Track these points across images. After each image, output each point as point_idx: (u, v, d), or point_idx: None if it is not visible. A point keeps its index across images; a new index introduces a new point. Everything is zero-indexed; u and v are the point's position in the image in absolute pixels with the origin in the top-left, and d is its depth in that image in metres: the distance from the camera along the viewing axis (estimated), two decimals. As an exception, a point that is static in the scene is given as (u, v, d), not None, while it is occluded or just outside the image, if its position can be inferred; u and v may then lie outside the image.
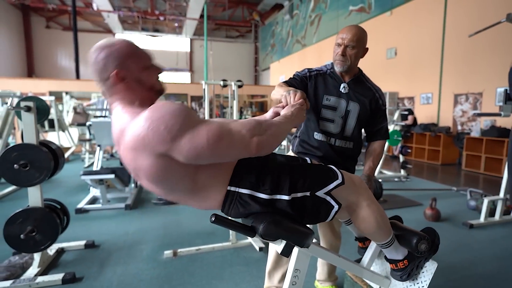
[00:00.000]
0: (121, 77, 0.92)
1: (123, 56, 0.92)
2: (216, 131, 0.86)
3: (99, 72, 0.93)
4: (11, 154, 1.93)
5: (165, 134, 0.82)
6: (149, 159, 0.86)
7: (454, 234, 2.81)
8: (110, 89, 0.94)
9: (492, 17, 5.06)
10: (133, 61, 0.94)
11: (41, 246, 2.00)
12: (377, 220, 1.18)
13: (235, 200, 0.99)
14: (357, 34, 1.45)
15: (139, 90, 0.95)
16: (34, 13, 15.44)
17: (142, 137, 0.83)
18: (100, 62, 0.92)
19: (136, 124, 0.85)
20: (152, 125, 0.82)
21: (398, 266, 1.33)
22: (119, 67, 0.92)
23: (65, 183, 4.76)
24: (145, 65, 0.97)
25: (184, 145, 0.83)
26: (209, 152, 0.85)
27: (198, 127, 0.85)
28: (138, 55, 0.95)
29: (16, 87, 7.63)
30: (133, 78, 0.94)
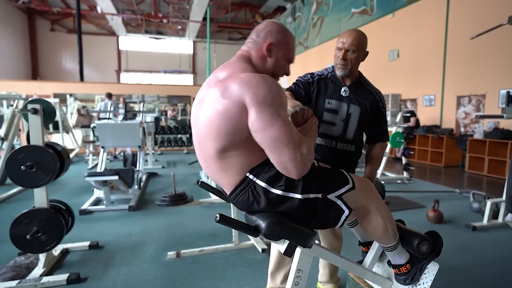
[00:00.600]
0: (269, 49, 1.11)
1: (284, 42, 1.13)
2: (287, 133, 0.95)
3: (255, 36, 1.12)
4: (18, 155, 1.96)
5: (277, 100, 0.95)
6: (234, 102, 0.95)
7: (457, 236, 2.81)
8: (253, 45, 1.12)
9: (495, 20, 5.06)
10: (285, 48, 1.13)
11: (46, 246, 2.03)
12: (385, 223, 1.20)
13: (249, 188, 1.03)
14: (357, 38, 1.47)
15: (268, 66, 1.13)
16: (39, 16, 15.60)
17: (254, 85, 0.94)
18: (265, 30, 1.11)
19: (259, 78, 0.96)
20: (272, 89, 0.95)
21: (401, 271, 1.34)
22: (274, 43, 1.11)
23: (69, 184, 4.80)
24: (288, 58, 1.16)
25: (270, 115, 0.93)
26: (264, 140, 0.95)
27: (285, 119, 0.96)
28: (291, 48, 1.15)
29: (21, 90, 7.71)
30: (274, 57, 1.12)
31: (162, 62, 17.94)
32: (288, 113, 1.22)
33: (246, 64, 1.08)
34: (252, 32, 1.16)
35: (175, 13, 14.72)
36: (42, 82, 10.40)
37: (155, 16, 14.40)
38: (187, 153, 8.91)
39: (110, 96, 7.26)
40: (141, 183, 4.39)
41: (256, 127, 0.94)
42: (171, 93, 10.69)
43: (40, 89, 8.63)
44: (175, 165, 6.82)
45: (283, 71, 1.17)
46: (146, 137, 6.38)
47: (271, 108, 0.93)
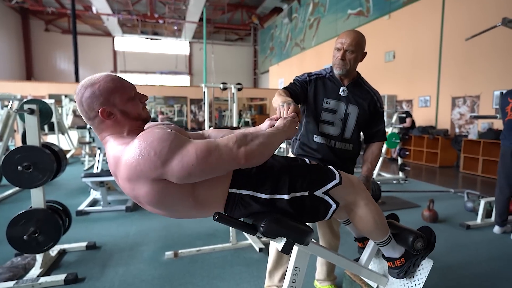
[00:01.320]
0: (107, 114, 0.94)
1: (107, 92, 0.94)
2: (204, 148, 0.88)
3: (86, 112, 0.95)
4: (15, 156, 1.96)
5: (156, 159, 0.85)
6: (145, 186, 0.89)
7: (451, 235, 2.85)
8: (99, 126, 0.97)
9: (489, 21, 5.13)
10: (117, 96, 0.95)
11: (43, 247, 2.03)
12: (375, 219, 1.22)
13: (237, 201, 1.03)
14: (356, 38, 1.49)
15: (126, 122, 0.97)
16: (33, 16, 15.48)
17: (134, 166, 0.86)
18: (85, 102, 0.94)
19: (127, 154, 0.88)
20: (142, 153, 0.85)
21: (395, 264, 1.36)
22: (104, 104, 0.94)
23: (65, 185, 4.78)
24: (129, 96, 0.98)
25: (175, 166, 0.86)
26: (199, 168, 0.87)
27: (186, 147, 0.88)
28: (121, 88, 0.97)
29: (15, 90, 7.65)
30: (119, 111, 0.96)
31: (158, 63, 17.88)
32: (280, 105, 1.22)
33: (115, 145, 0.95)
34: (82, 116, 0.98)
35: (171, 14, 14.70)
36: (37, 82, 10.33)
37: (151, 17, 14.36)
38: (183, 153, 8.88)
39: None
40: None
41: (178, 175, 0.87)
42: (167, 94, 10.67)
43: (34, 90, 8.57)
44: (171, 166, 6.80)
45: (138, 108, 1.00)
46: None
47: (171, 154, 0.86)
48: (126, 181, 0.90)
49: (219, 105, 10.36)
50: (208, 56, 15.27)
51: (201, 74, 17.09)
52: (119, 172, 0.91)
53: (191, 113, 10.72)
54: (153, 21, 14.84)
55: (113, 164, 0.94)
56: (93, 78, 0.96)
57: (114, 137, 0.96)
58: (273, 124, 1.20)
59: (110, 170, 0.97)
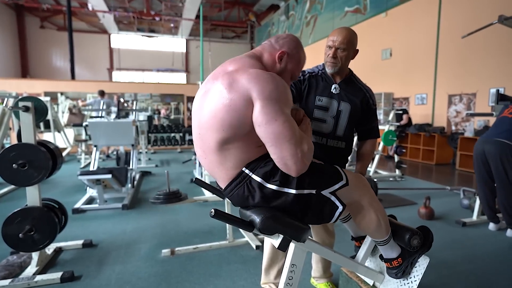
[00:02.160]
0: (280, 56, 1.15)
1: (297, 57, 1.19)
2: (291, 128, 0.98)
3: (283, 41, 1.17)
4: (10, 153, 1.94)
5: (275, 95, 0.96)
6: (241, 100, 0.97)
7: (447, 232, 2.87)
8: (268, 47, 1.17)
9: (486, 19, 5.14)
10: (295, 64, 1.19)
11: (39, 245, 2.01)
12: (378, 218, 1.22)
13: (244, 182, 1.05)
14: (347, 36, 1.48)
15: (273, 70, 1.14)
16: (28, 13, 15.34)
17: (265, 79, 0.98)
18: (292, 41, 1.18)
19: (265, 75, 1.00)
20: (279, 87, 0.98)
21: (392, 265, 1.37)
22: (289, 55, 1.16)
23: (62, 183, 4.76)
24: (293, 73, 1.21)
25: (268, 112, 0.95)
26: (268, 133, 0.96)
27: (288, 116, 0.99)
28: (300, 67, 1.22)
29: (11, 88, 7.59)
30: (282, 65, 1.16)
31: (155, 60, 17.80)
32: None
33: (255, 61, 1.11)
34: (272, 37, 1.22)
35: (168, 11, 14.61)
36: (33, 80, 10.25)
37: (147, 14, 14.27)
38: (180, 151, 8.88)
39: (102, 94, 7.18)
40: (135, 181, 4.37)
41: (260, 121, 0.96)
42: (164, 91, 10.64)
43: (30, 88, 8.51)
44: (168, 164, 6.79)
45: (288, 79, 1.20)
46: (139, 135, 6.35)
47: (276, 104, 0.96)
48: (240, 77, 0.99)
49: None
50: (205, 54, 15.21)
51: (198, 72, 17.03)
52: (240, 72, 1.01)
53: (188, 111, 10.68)
54: (149, 18, 14.74)
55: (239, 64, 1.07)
56: (302, 46, 1.22)
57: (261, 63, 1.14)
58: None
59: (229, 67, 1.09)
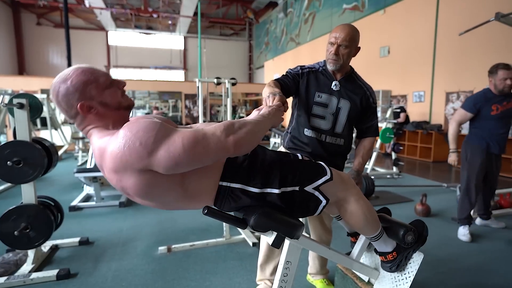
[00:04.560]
0: (87, 108, 0.91)
1: (80, 86, 0.90)
2: (191, 137, 0.86)
3: (66, 110, 0.92)
4: (4, 151, 1.93)
5: (141, 149, 0.82)
6: (132, 177, 0.87)
7: (443, 229, 2.88)
8: (82, 122, 0.94)
9: (483, 16, 5.14)
10: (92, 87, 0.92)
11: (35, 242, 2.01)
12: (365, 214, 1.22)
13: (227, 194, 1.02)
14: (350, 33, 1.48)
15: (109, 113, 0.94)
16: (24, 9, 15.21)
17: (120, 157, 0.84)
18: (63, 101, 0.91)
19: (112, 145, 0.85)
20: (128, 143, 0.83)
21: (387, 258, 1.37)
22: (81, 99, 0.90)
23: (58, 181, 4.74)
24: (105, 85, 0.94)
25: (161, 156, 0.83)
26: (187, 158, 0.85)
27: (172, 136, 0.85)
28: (93, 79, 0.92)
29: (7, 85, 7.55)
30: (99, 103, 0.92)
31: (153, 57, 17.71)
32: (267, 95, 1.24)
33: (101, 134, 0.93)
34: (64, 116, 0.96)
35: (166, 8, 14.53)
36: (29, 77, 10.20)
37: (145, 11, 14.18)
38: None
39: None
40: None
41: (163, 165, 0.85)
42: (162, 89, 10.60)
43: (26, 85, 8.46)
44: (166, 161, 6.78)
45: (117, 96, 0.97)
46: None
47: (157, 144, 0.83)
48: (112, 172, 0.88)
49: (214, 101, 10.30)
50: (203, 51, 15.17)
51: (196, 69, 16.99)
52: (105, 163, 0.89)
53: (186, 108, 10.66)
54: (147, 15, 14.66)
55: (98, 156, 0.91)
56: (64, 74, 0.92)
57: (98, 130, 0.94)
58: None
59: (96, 163, 0.95)
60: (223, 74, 4.84)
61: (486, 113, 2.58)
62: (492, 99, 2.59)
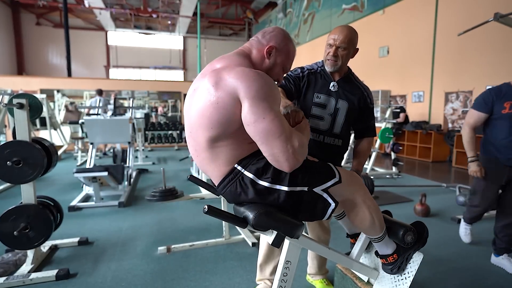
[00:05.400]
0: (269, 51, 1.13)
1: (286, 50, 1.17)
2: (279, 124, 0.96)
3: (270, 35, 1.15)
4: (4, 151, 1.93)
5: (270, 95, 0.96)
6: (231, 98, 0.96)
7: (443, 228, 2.88)
8: (256, 43, 1.15)
9: (482, 17, 5.15)
10: (285, 57, 1.17)
11: (34, 243, 2.00)
12: (372, 216, 1.22)
13: (237, 179, 1.04)
14: (348, 35, 1.48)
15: (264, 67, 1.14)
16: (24, 9, 15.21)
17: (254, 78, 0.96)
18: (279, 34, 1.15)
19: (259, 74, 0.98)
20: (266, 85, 0.97)
21: (388, 261, 1.38)
22: (277, 49, 1.15)
23: (58, 181, 4.74)
24: (285, 66, 1.19)
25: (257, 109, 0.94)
26: (258, 131, 0.96)
27: (278, 113, 0.98)
28: (290, 59, 1.20)
29: (7, 85, 7.54)
30: (271, 60, 1.15)
31: (152, 57, 17.72)
32: (281, 109, 1.23)
33: (243, 59, 1.10)
34: (258, 32, 1.19)
35: (165, 8, 14.53)
36: (28, 77, 10.18)
37: (144, 11, 14.18)
38: (177, 149, 8.86)
39: (100, 92, 7.15)
40: (131, 179, 4.36)
41: (248, 119, 0.95)
42: (161, 89, 10.59)
43: (26, 85, 8.44)
44: (165, 161, 6.78)
45: (276, 77, 1.18)
46: (136, 133, 6.33)
47: (264, 102, 0.95)
48: (227, 75, 0.98)
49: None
50: (202, 51, 15.16)
51: (195, 69, 16.99)
52: (227, 70, 1.00)
53: (185, 108, 10.66)
54: (146, 15, 14.66)
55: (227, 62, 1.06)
56: (290, 38, 1.20)
57: (250, 60, 1.12)
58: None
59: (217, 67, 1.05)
60: (223, 74, 4.82)
61: (497, 112, 2.05)
62: (507, 95, 2.01)
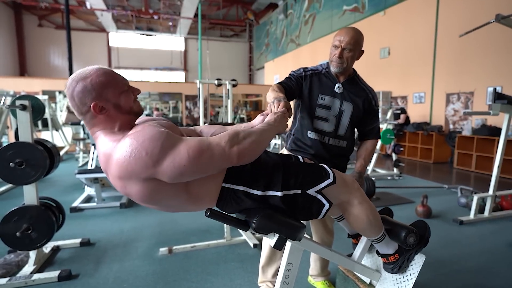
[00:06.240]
0: (100, 108, 0.91)
1: (99, 86, 0.91)
2: (196, 147, 0.87)
3: (78, 106, 0.92)
4: (7, 152, 1.94)
5: (147, 159, 0.83)
6: (137, 185, 0.88)
7: (445, 230, 2.88)
8: (90, 121, 0.94)
9: (483, 18, 5.15)
10: (109, 90, 0.93)
11: (36, 244, 2.01)
12: (369, 217, 1.22)
13: (230, 196, 1.03)
14: (354, 37, 1.48)
15: (118, 116, 0.95)
16: (26, 11, 15.26)
17: (126, 166, 0.85)
18: (77, 97, 0.91)
19: (118, 152, 0.86)
20: (134, 152, 0.84)
21: (389, 260, 1.38)
22: (96, 99, 0.91)
23: (59, 182, 4.75)
24: (121, 90, 0.96)
25: (167, 166, 0.85)
26: (191, 168, 0.87)
27: (178, 147, 0.87)
28: (113, 82, 0.94)
29: (9, 86, 7.56)
30: (112, 106, 0.93)
31: (153, 59, 17.74)
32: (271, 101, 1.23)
33: (107, 136, 0.93)
34: (74, 110, 0.96)
35: (166, 9, 14.55)
36: (30, 78, 10.22)
37: (145, 12, 14.21)
38: (179, 150, 8.86)
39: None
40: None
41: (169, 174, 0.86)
42: (162, 90, 10.62)
43: (28, 86, 8.48)
44: (167, 163, 6.78)
45: (130, 101, 0.97)
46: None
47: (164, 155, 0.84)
48: (117, 179, 0.89)
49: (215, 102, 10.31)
50: (203, 52, 15.18)
51: (196, 70, 16.99)
52: (110, 169, 0.90)
53: (186, 109, 10.67)
54: (147, 16, 14.69)
55: (104, 161, 0.92)
56: (84, 71, 0.92)
57: (104, 133, 0.94)
58: (264, 120, 1.20)
59: (101, 167, 0.95)
60: (223, 75, 4.85)
61: None
62: None
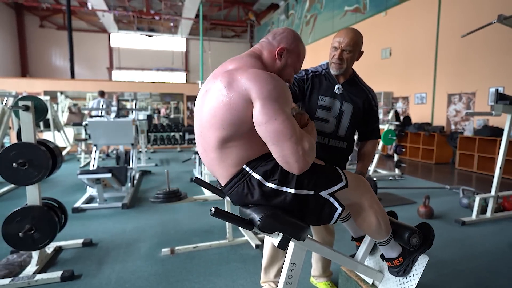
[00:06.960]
0: (280, 52, 1.15)
1: (296, 51, 1.19)
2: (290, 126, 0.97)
3: (280, 36, 1.17)
4: (10, 152, 1.94)
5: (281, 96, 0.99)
6: (243, 99, 0.98)
7: (447, 231, 2.87)
8: (267, 45, 1.18)
9: (485, 18, 5.15)
10: (295, 58, 1.19)
11: (39, 244, 2.01)
12: (378, 220, 1.22)
13: (244, 180, 1.05)
14: (354, 38, 1.48)
15: (275, 69, 1.16)
16: (27, 12, 15.30)
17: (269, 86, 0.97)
18: (289, 36, 1.17)
19: (265, 75, 1.00)
20: (278, 87, 0.99)
21: (394, 264, 1.38)
22: (288, 50, 1.17)
23: (61, 182, 4.76)
24: (295, 67, 1.21)
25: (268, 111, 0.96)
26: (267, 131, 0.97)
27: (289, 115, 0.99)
28: (300, 60, 1.22)
29: (10, 87, 7.59)
30: (283, 62, 1.16)
31: (155, 59, 17.77)
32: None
33: (255, 60, 1.12)
34: (269, 33, 1.21)
35: (167, 10, 14.58)
36: (32, 79, 10.24)
37: (147, 13, 14.24)
38: (180, 151, 8.88)
39: (102, 94, 7.19)
40: (134, 181, 4.37)
41: (260, 120, 0.97)
42: (163, 90, 10.62)
43: (30, 87, 8.50)
44: (168, 163, 6.79)
45: (287, 77, 1.20)
46: (139, 135, 6.34)
47: (275, 104, 0.96)
48: (239, 76, 1.00)
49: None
50: (205, 53, 15.19)
51: (197, 71, 17.01)
52: (240, 71, 1.02)
53: (188, 110, 10.68)
54: (149, 17, 14.72)
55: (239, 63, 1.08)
56: (300, 38, 1.21)
57: (261, 62, 1.14)
58: None
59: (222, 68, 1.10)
60: (226, 76, 4.84)
61: None
62: None
